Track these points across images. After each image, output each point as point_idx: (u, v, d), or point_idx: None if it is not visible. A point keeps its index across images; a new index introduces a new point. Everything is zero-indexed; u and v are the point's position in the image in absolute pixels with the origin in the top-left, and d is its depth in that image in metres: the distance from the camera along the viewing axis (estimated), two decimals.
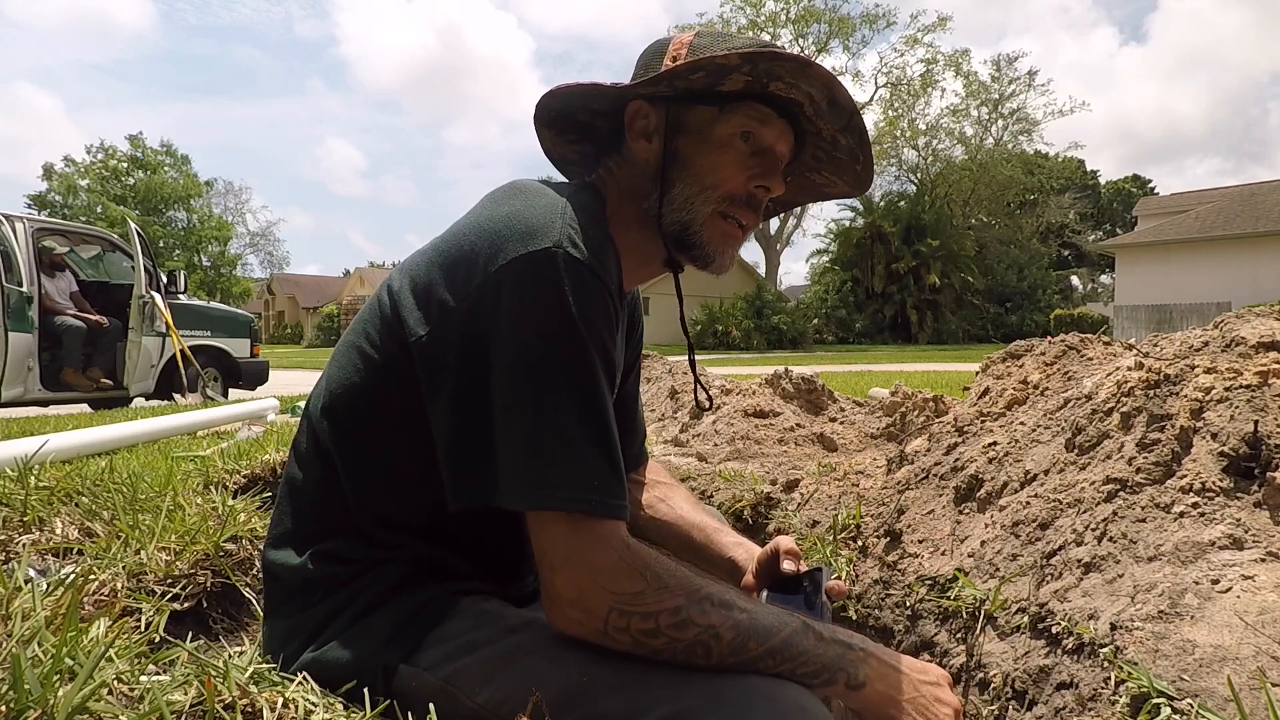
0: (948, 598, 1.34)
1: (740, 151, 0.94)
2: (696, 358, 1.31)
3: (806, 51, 38.00)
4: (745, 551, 1.17)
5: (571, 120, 1.04)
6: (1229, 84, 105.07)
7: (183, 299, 7.88)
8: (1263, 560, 1.00)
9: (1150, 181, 54.24)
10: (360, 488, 0.92)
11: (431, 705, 0.82)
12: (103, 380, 7.11)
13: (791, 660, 0.80)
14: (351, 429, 0.93)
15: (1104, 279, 46.38)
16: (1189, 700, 0.86)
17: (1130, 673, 0.92)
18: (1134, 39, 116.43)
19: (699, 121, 0.95)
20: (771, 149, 0.96)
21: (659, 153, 0.96)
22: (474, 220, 0.88)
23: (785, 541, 1.11)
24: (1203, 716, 0.83)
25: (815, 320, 35.56)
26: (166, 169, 43.41)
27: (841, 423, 3.68)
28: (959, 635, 1.28)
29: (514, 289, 0.80)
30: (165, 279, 7.53)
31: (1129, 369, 1.40)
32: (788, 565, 1.07)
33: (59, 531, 1.49)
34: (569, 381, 0.79)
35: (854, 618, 1.53)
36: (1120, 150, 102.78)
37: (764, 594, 1.07)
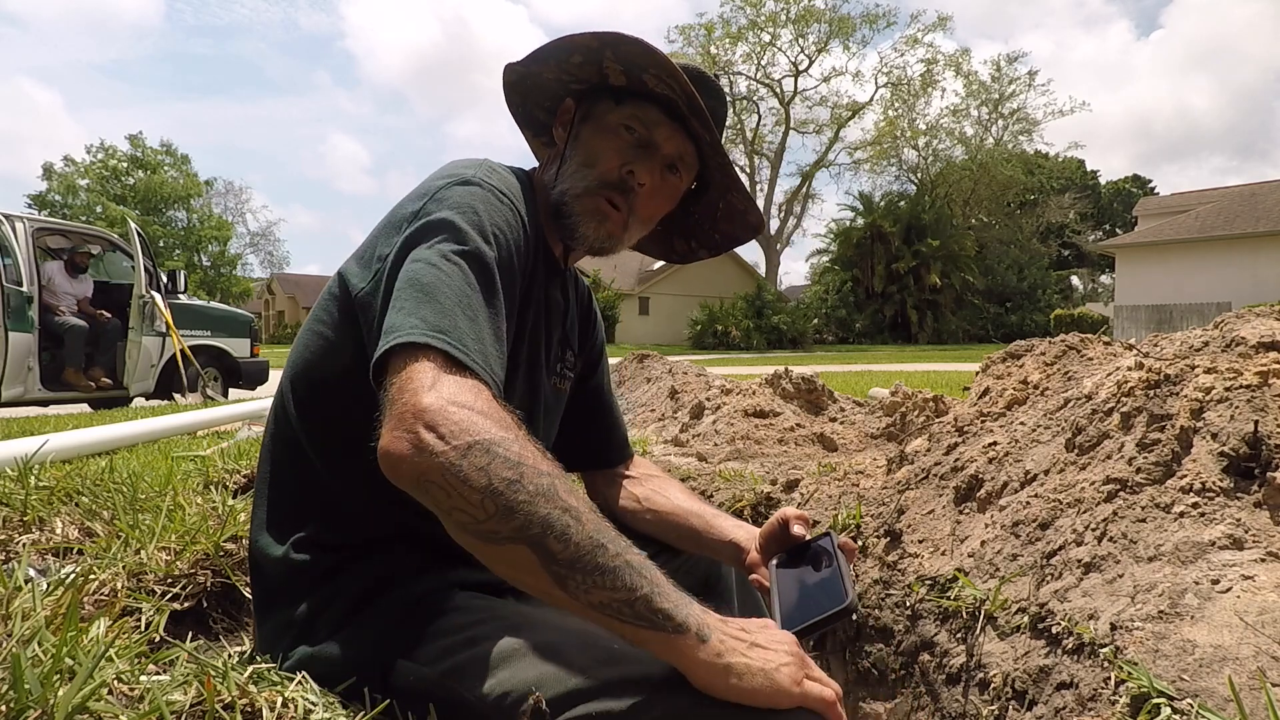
0: (948, 598, 1.34)
1: (623, 140, 1.04)
2: (696, 358, 1.35)
3: (807, 51, 38.04)
4: (746, 533, 1.16)
5: (534, 119, 1.17)
6: (1244, 80, 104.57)
7: (183, 299, 7.88)
8: (1263, 560, 1.00)
9: (1150, 181, 54.31)
10: (330, 462, 0.94)
11: (431, 705, 0.83)
12: (103, 380, 7.11)
13: (646, 584, 0.71)
14: (313, 405, 0.96)
15: (1104, 279, 46.38)
16: (1189, 700, 0.86)
17: (1130, 673, 0.92)
18: (1149, 34, 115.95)
19: (599, 111, 1.07)
20: (654, 145, 1.05)
21: (565, 136, 1.09)
22: (410, 192, 0.98)
23: (791, 510, 1.10)
24: (1203, 716, 0.83)
25: (815, 320, 35.57)
26: (166, 169, 43.42)
27: (841, 423, 3.68)
28: (959, 635, 1.28)
29: (430, 203, 0.90)
30: (165, 279, 7.54)
31: (1129, 369, 1.40)
32: (798, 529, 1.06)
33: (59, 531, 1.49)
34: (464, 260, 0.84)
35: (854, 618, 1.53)
36: (1134, 148, 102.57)
37: (772, 565, 1.06)
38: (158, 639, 1.11)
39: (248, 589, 1.47)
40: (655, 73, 1.00)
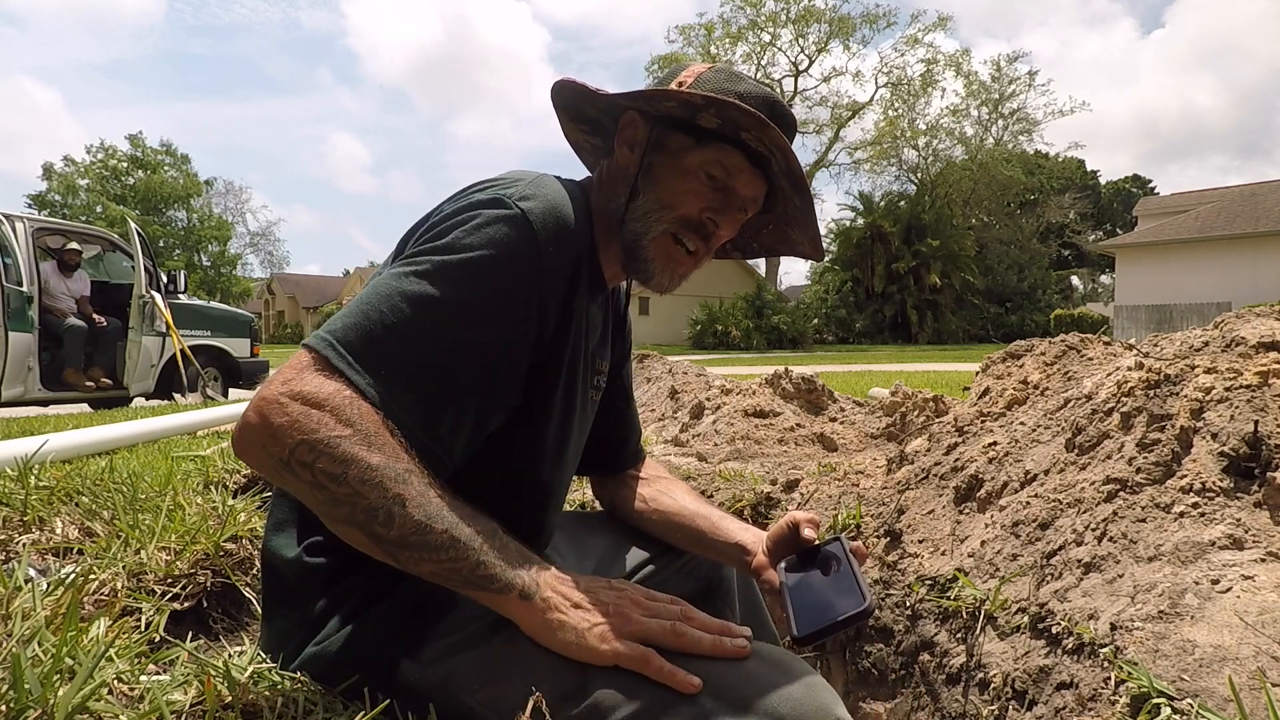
0: (948, 598, 1.34)
1: (703, 184, 0.99)
2: (696, 358, 1.33)
3: (807, 51, 38.02)
4: (753, 535, 1.16)
5: (582, 113, 1.09)
6: (1248, 79, 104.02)
7: (183, 299, 7.88)
8: (1263, 560, 1.00)
9: (1150, 181, 54.34)
10: None
11: (431, 705, 0.83)
12: (103, 380, 7.11)
13: (472, 554, 0.77)
14: None
15: (1104, 279, 46.39)
16: (1189, 700, 0.86)
17: (1130, 673, 0.92)
18: (1153, 31, 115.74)
19: (676, 146, 0.99)
20: (734, 191, 1.00)
21: (635, 163, 1.01)
22: (456, 193, 0.95)
23: (800, 513, 1.09)
24: (1203, 716, 0.83)
25: (815, 320, 35.57)
26: (166, 169, 43.45)
27: (841, 423, 3.68)
28: (959, 635, 1.28)
29: (450, 216, 0.88)
30: (165, 279, 7.54)
31: (1129, 369, 1.40)
32: (808, 532, 1.06)
33: (59, 531, 1.50)
34: (437, 285, 0.82)
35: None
36: (1137, 147, 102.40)
37: (781, 569, 1.05)
38: (158, 639, 1.11)
39: (248, 589, 1.47)
40: (757, 134, 0.95)
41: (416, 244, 0.88)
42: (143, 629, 1.14)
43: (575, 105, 1.08)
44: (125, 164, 42.56)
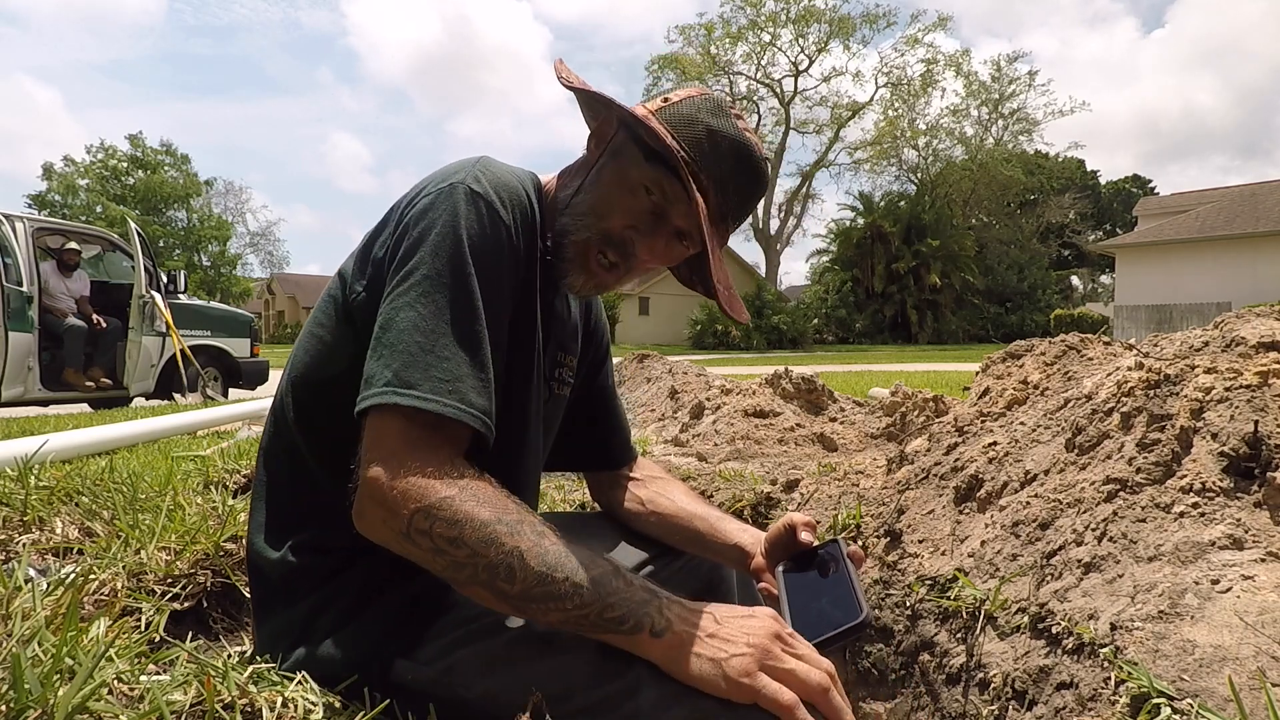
0: (948, 598, 1.34)
1: (640, 202, 0.98)
2: (696, 358, 1.32)
3: (807, 51, 37.99)
4: (751, 536, 1.15)
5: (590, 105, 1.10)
6: (1249, 78, 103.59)
7: (183, 299, 7.89)
8: (1263, 560, 1.00)
9: (1150, 181, 54.32)
10: (328, 467, 0.94)
11: (431, 705, 0.83)
12: (103, 380, 7.11)
13: (598, 599, 0.76)
14: (310, 409, 0.96)
15: (1104, 279, 46.37)
16: (1189, 700, 0.86)
17: (1130, 673, 0.92)
18: (1154, 31, 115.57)
19: (628, 157, 0.99)
20: (667, 218, 0.98)
21: (592, 162, 1.02)
22: (411, 197, 0.96)
23: (798, 516, 1.09)
24: (1203, 716, 0.83)
25: (815, 320, 35.58)
26: (166, 168, 43.43)
27: (841, 423, 3.68)
28: (959, 635, 1.28)
29: (417, 219, 0.90)
30: (165, 279, 7.54)
31: (1129, 369, 1.40)
32: (806, 536, 1.05)
33: (59, 531, 1.50)
34: (442, 292, 0.85)
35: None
36: (1139, 147, 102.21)
37: (779, 572, 1.05)
38: (158, 639, 1.11)
39: (248, 589, 1.47)
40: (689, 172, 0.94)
41: (400, 262, 0.88)
42: (143, 629, 1.15)
43: (583, 98, 1.08)
44: (125, 164, 42.51)
